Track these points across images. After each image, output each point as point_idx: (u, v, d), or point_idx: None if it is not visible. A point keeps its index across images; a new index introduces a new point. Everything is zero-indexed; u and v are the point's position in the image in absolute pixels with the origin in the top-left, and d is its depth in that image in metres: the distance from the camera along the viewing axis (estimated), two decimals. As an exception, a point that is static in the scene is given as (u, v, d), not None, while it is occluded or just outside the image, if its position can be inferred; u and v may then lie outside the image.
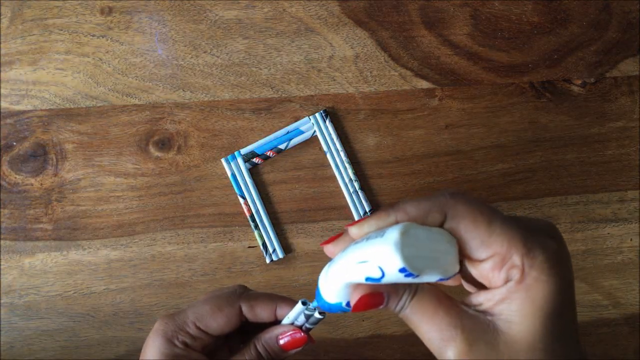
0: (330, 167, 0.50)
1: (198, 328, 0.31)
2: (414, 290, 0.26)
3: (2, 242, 0.48)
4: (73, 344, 0.48)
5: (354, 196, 0.49)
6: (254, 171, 0.50)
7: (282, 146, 0.49)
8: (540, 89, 0.51)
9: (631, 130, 0.52)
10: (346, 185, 0.49)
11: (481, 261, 0.25)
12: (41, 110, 0.49)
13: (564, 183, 0.51)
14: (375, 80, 0.51)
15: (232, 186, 0.49)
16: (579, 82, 0.52)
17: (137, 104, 0.50)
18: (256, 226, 0.49)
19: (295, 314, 0.32)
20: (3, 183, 0.49)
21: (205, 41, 0.50)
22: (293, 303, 0.32)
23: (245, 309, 0.32)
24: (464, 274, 0.26)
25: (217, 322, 0.32)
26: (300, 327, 0.32)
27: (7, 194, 0.49)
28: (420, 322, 0.25)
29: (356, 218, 0.49)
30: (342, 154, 0.49)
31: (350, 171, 0.49)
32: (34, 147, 0.49)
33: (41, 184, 0.49)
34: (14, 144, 0.49)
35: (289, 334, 0.32)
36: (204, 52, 0.50)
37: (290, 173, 0.50)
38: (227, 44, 0.50)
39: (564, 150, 0.51)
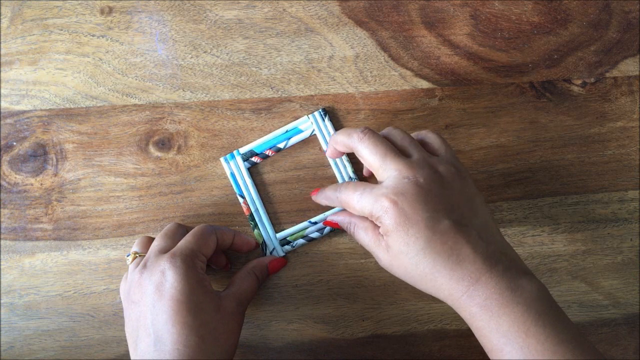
0: (330, 167, 0.50)
1: (204, 255, 0.42)
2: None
3: (2, 242, 0.48)
4: (73, 344, 0.48)
5: (354, 196, 0.49)
6: (253, 170, 0.50)
7: (281, 145, 0.49)
8: (540, 89, 0.51)
9: (631, 130, 0.52)
10: (346, 185, 0.49)
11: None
12: (41, 110, 0.49)
13: (564, 183, 0.51)
14: (375, 80, 0.51)
15: (232, 186, 0.49)
16: (579, 82, 0.52)
17: (137, 104, 0.50)
18: (255, 226, 0.49)
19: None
20: (3, 183, 0.49)
21: (205, 41, 0.50)
22: (245, 237, 0.47)
23: (218, 236, 0.44)
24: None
25: (210, 248, 0.43)
26: (283, 257, 0.48)
27: (7, 194, 0.49)
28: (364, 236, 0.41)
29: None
30: (342, 154, 0.49)
31: (350, 170, 0.49)
32: (34, 147, 0.49)
33: (41, 184, 0.49)
34: (14, 144, 0.49)
35: (273, 259, 0.48)
36: (204, 52, 0.50)
37: (290, 172, 0.50)
38: (227, 44, 0.50)
39: (564, 150, 0.51)
